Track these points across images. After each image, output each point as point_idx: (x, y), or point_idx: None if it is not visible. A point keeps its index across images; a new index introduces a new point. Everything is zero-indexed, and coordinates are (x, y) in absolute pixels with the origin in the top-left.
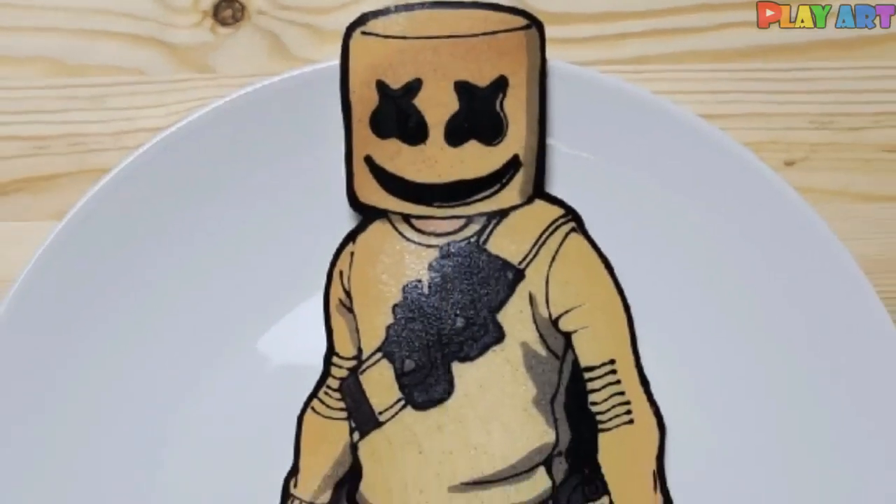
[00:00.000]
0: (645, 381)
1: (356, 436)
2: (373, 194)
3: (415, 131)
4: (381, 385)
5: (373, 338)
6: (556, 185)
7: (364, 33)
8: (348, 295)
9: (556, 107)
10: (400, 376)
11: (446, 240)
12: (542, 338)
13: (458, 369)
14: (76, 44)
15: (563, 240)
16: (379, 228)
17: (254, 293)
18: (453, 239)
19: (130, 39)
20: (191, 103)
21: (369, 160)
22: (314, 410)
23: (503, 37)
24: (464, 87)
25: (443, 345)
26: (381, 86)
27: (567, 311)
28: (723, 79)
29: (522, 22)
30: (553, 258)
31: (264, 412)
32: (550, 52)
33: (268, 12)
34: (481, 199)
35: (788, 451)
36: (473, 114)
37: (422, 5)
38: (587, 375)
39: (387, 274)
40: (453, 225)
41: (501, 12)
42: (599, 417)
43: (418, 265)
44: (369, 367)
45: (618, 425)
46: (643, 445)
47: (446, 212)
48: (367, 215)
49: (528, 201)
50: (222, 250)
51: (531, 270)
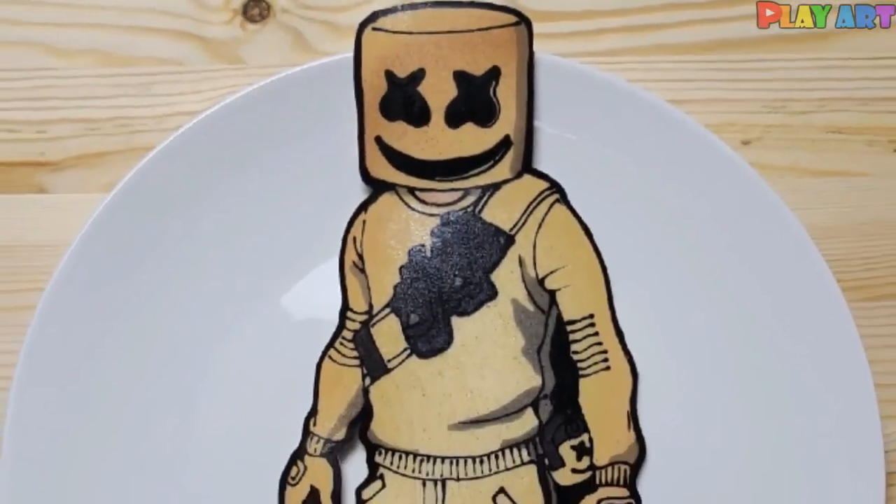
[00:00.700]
0: (620, 333)
1: (367, 381)
2: (382, 170)
3: (419, 115)
4: (389, 336)
5: (382, 295)
6: (542, 162)
7: (374, 29)
8: (361, 258)
9: (542, 93)
10: (406, 329)
11: (446, 209)
12: (530, 295)
13: (456, 322)
14: (124, 38)
15: (549, 209)
16: (387, 200)
17: (278, 256)
18: (452, 209)
19: (171, 35)
20: (223, 90)
21: (379, 140)
22: (331, 359)
23: (496, 32)
24: (462, 76)
25: (443, 301)
26: (389, 75)
27: (552, 272)
28: (687, 69)
29: (513, 19)
30: (540, 225)
31: (287, 360)
32: (537, 46)
33: (290, 10)
34: (477, 174)
35: (743, 390)
36: (470, 99)
37: (425, 4)
38: (569, 328)
39: (394, 239)
40: (452, 196)
41: (495, 11)
42: (580, 365)
43: (422, 231)
44: (379, 320)
45: (596, 371)
46: (618, 389)
47: (446, 185)
48: (377, 188)
49: (518, 176)
50: (250, 218)
51: (520, 236)
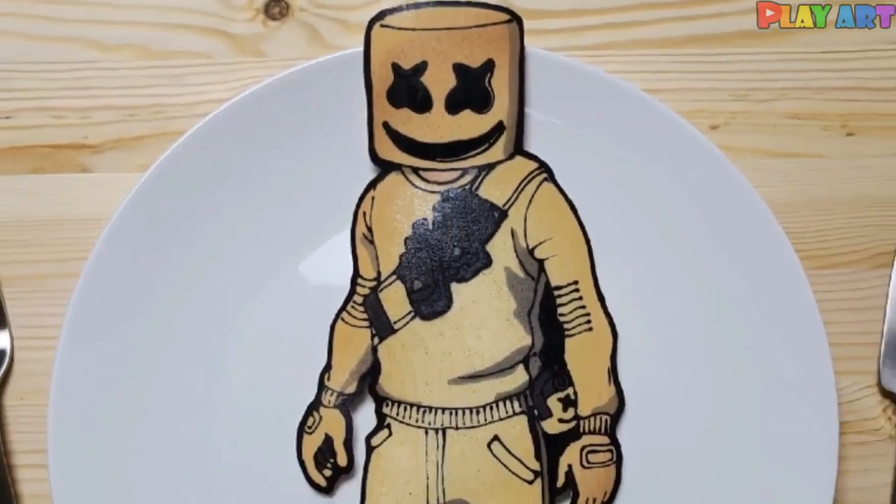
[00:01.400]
0: (601, 298)
1: (376, 340)
2: (389, 151)
3: (422, 102)
4: (395, 300)
5: (389, 263)
6: (532, 144)
7: (382, 26)
8: (370, 230)
9: (532, 83)
10: (410, 293)
11: (446, 187)
12: (521, 263)
13: (455, 288)
14: (158, 34)
15: (538, 187)
16: (394, 178)
17: (296, 228)
18: (451, 186)
19: (200, 31)
20: (247, 81)
21: (386, 125)
22: (343, 320)
23: (491, 29)
24: (460, 68)
25: (444, 269)
26: (395, 67)
27: (540, 243)
28: (661, 61)
29: (506, 17)
30: (530, 201)
31: (304, 321)
32: (528, 41)
33: (307, 9)
34: (473, 155)
35: (711, 348)
36: (468, 89)
37: (427, 4)
38: (556, 293)
39: (400, 213)
40: (451, 175)
41: (490, 9)
42: (565, 326)
43: (424, 207)
44: (386, 286)
45: (580, 332)
46: (600, 348)
47: (446, 165)
48: (384, 168)
49: (510, 157)
50: (271, 194)
51: (512, 211)
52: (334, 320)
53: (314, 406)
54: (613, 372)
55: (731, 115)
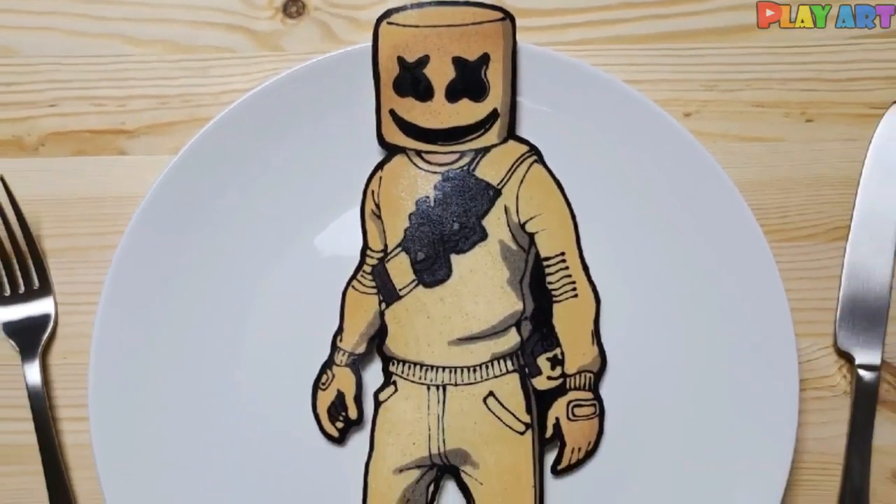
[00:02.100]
0: (586, 268)
1: (383, 306)
2: (395, 136)
3: (424, 92)
4: (400, 270)
5: (395, 237)
6: (523, 130)
7: (388, 23)
8: (378, 207)
9: (523, 75)
10: (414, 264)
11: (446, 168)
12: (514, 237)
13: (454, 259)
14: (187, 31)
15: (529, 168)
16: (399, 160)
17: (312, 204)
18: (451, 167)
19: (225, 28)
20: (267, 73)
21: (392, 112)
22: (353, 288)
23: (487, 26)
24: (459, 61)
25: (444, 241)
26: (400, 60)
27: (531, 218)
28: (640, 55)
29: (500, 15)
30: (521, 181)
31: (319, 289)
32: (520, 37)
33: (322, 8)
34: (471, 140)
35: (684, 312)
36: (465, 80)
37: (429, 3)
38: (545, 263)
39: (405, 192)
40: (451, 157)
41: (485, 8)
42: (553, 293)
43: (427, 185)
44: (392, 257)
45: (566, 298)
46: (584, 312)
47: (446, 148)
48: (391, 151)
49: (504, 141)
50: (289, 174)
51: (506, 189)
52: (345, 288)
53: (328, 365)
54: (596, 334)
55: (702, 104)
